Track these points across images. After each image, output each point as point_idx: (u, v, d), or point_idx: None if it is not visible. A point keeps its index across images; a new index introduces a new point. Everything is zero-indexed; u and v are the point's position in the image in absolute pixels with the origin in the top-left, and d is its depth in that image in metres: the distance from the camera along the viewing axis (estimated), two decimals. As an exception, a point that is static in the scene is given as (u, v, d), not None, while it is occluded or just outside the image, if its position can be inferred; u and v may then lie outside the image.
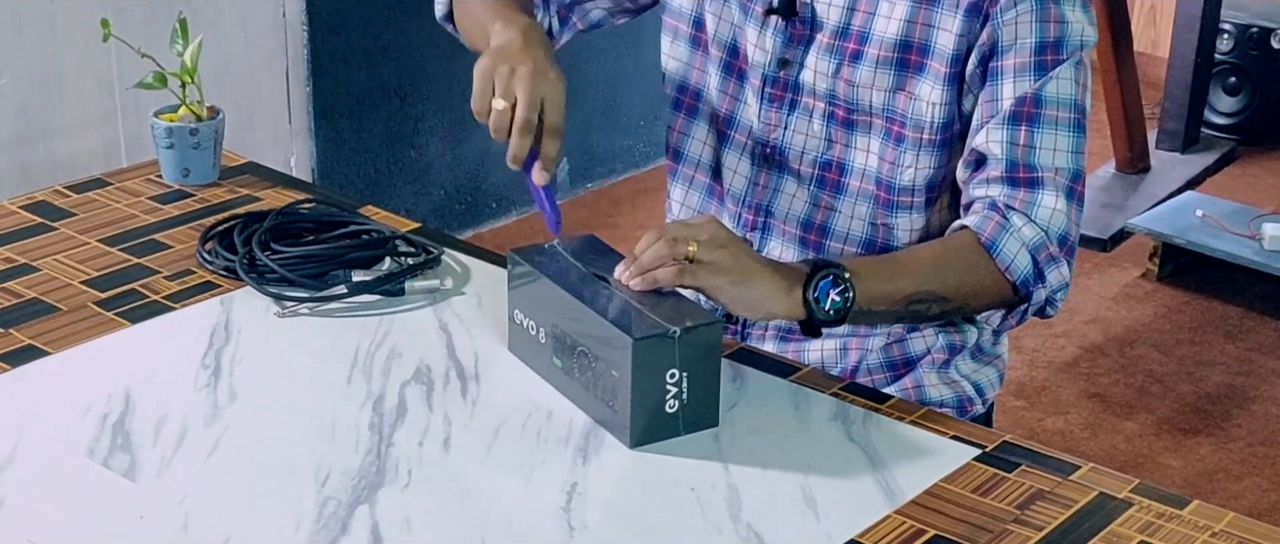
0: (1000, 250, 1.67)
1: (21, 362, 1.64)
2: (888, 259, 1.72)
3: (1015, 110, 1.69)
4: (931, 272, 1.67)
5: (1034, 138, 1.69)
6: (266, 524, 1.38)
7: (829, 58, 1.75)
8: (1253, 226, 3.90)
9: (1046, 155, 1.69)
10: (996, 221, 1.67)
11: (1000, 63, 1.69)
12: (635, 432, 1.51)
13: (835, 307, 1.59)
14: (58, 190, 2.06)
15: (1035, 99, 1.68)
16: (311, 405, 1.58)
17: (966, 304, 1.71)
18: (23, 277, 1.82)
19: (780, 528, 1.40)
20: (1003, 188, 1.69)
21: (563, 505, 1.42)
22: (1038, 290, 1.69)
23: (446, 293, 1.81)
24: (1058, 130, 1.69)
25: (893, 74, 1.72)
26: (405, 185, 3.89)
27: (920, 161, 1.74)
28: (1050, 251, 1.69)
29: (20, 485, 1.43)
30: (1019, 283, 1.68)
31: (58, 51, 2.95)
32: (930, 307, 1.67)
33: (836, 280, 1.58)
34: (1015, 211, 1.68)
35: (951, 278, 1.68)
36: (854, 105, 1.75)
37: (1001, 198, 1.69)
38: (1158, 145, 4.72)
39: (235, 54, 3.29)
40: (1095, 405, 3.42)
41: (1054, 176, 1.69)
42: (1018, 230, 1.67)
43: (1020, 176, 1.69)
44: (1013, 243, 1.67)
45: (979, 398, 1.87)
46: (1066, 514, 1.43)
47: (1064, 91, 1.70)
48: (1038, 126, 1.69)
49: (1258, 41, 4.77)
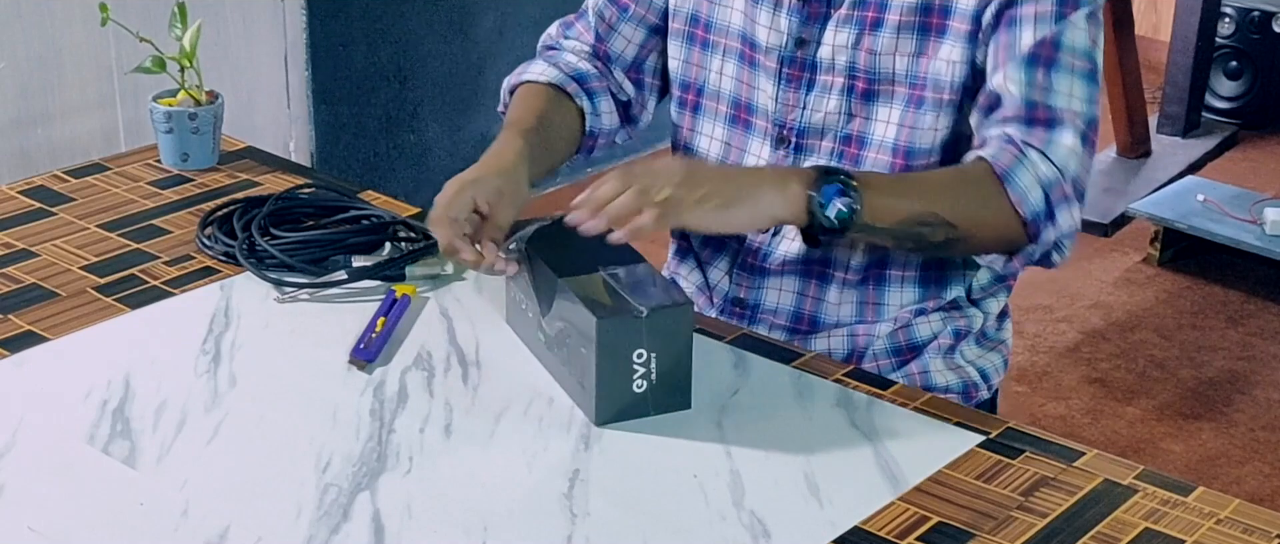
0: (1014, 182, 1.64)
1: (21, 347, 1.64)
2: (898, 177, 1.70)
3: (1033, 52, 1.67)
4: (941, 194, 1.64)
5: (1052, 80, 1.67)
6: (267, 511, 1.38)
7: (848, 29, 1.74)
8: (1254, 211, 3.89)
9: (1063, 98, 1.67)
10: (1013, 154, 1.65)
11: (1018, 11, 1.68)
12: (601, 409, 1.52)
13: (840, 214, 1.56)
14: (56, 175, 2.05)
15: (1053, 43, 1.67)
16: (312, 391, 1.57)
17: (972, 235, 1.66)
18: (22, 262, 1.81)
19: (783, 515, 1.39)
20: (1020, 126, 1.67)
21: (565, 492, 1.42)
22: (1047, 229, 1.66)
23: (447, 278, 1.80)
24: (1074, 76, 1.68)
25: (915, 38, 1.72)
26: (404, 169, 3.88)
27: (940, 122, 1.73)
28: (1064, 191, 1.66)
29: (20, 472, 1.43)
30: (1030, 218, 1.65)
31: (56, 35, 2.93)
32: (935, 230, 1.63)
33: (845, 188, 1.56)
34: (1032, 148, 1.66)
35: (961, 204, 1.65)
36: (874, 74, 1.74)
37: (1019, 135, 1.67)
38: (1159, 130, 4.71)
39: (233, 38, 3.28)
40: (1097, 391, 3.42)
41: (1072, 118, 1.67)
42: (1034, 165, 1.64)
43: (1038, 116, 1.67)
44: (1027, 176, 1.64)
45: (984, 383, 1.87)
46: (1071, 501, 1.42)
47: (1079, 41, 1.69)
48: (1055, 70, 1.67)
49: (1259, 25, 4.75)
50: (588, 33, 1.92)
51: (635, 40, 1.91)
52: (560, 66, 1.89)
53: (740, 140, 1.84)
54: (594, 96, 1.90)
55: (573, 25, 1.94)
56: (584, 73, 1.90)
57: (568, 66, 1.89)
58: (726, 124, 1.85)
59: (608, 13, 1.91)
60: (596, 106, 1.90)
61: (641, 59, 1.92)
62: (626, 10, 1.90)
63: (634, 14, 1.90)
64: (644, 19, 1.90)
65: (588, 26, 1.92)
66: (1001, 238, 1.68)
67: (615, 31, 1.91)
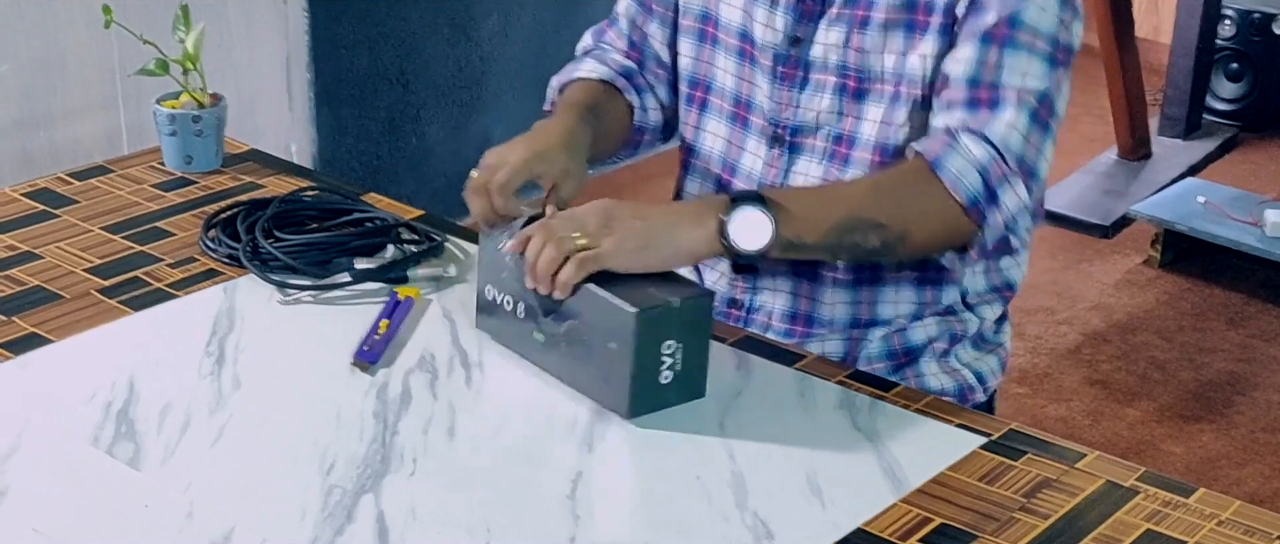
0: (945, 167, 1.62)
1: (25, 349, 1.64)
2: (819, 188, 1.69)
3: (989, 31, 1.65)
4: (866, 197, 1.63)
5: (1003, 58, 1.65)
6: (271, 512, 1.38)
7: (839, 28, 1.75)
8: (1254, 213, 3.90)
9: (1013, 76, 1.65)
10: (943, 140, 1.63)
11: None
12: (635, 403, 1.52)
13: (756, 232, 1.57)
14: (60, 177, 2.05)
15: (1010, 20, 1.65)
16: (315, 393, 1.57)
17: (909, 232, 1.64)
18: (26, 264, 1.82)
19: (786, 516, 1.39)
20: (961, 112, 1.65)
21: (568, 493, 1.42)
22: (991, 212, 1.63)
23: (450, 280, 1.80)
24: (1032, 56, 1.65)
25: (902, 36, 1.72)
26: (406, 172, 3.88)
27: (914, 119, 1.72)
28: (1003, 170, 1.63)
29: (24, 474, 1.43)
30: (968, 203, 1.62)
31: (59, 37, 2.94)
32: (868, 236, 1.62)
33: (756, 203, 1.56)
34: (967, 131, 1.63)
35: (889, 202, 1.62)
36: (864, 73, 1.74)
37: (955, 122, 1.65)
38: (1160, 132, 4.71)
39: (235, 41, 3.28)
40: (1097, 392, 3.42)
41: (1017, 95, 1.64)
42: (965, 148, 1.62)
43: (981, 96, 1.65)
44: (958, 160, 1.62)
45: (980, 386, 1.87)
46: (1073, 502, 1.43)
47: (1044, 22, 1.66)
48: (1009, 48, 1.65)
49: (1259, 27, 4.75)
50: (620, 40, 1.93)
51: (664, 40, 1.92)
52: (608, 63, 1.91)
53: (739, 138, 1.85)
54: (641, 92, 1.91)
55: (605, 32, 1.95)
56: (630, 69, 1.92)
57: (615, 64, 1.91)
58: (728, 121, 1.86)
59: (639, 17, 1.92)
60: (644, 102, 1.92)
61: (672, 60, 1.93)
62: (652, 12, 1.91)
63: (659, 14, 1.91)
64: (666, 17, 1.91)
65: (620, 33, 1.94)
66: (947, 229, 1.66)
67: (648, 36, 1.92)
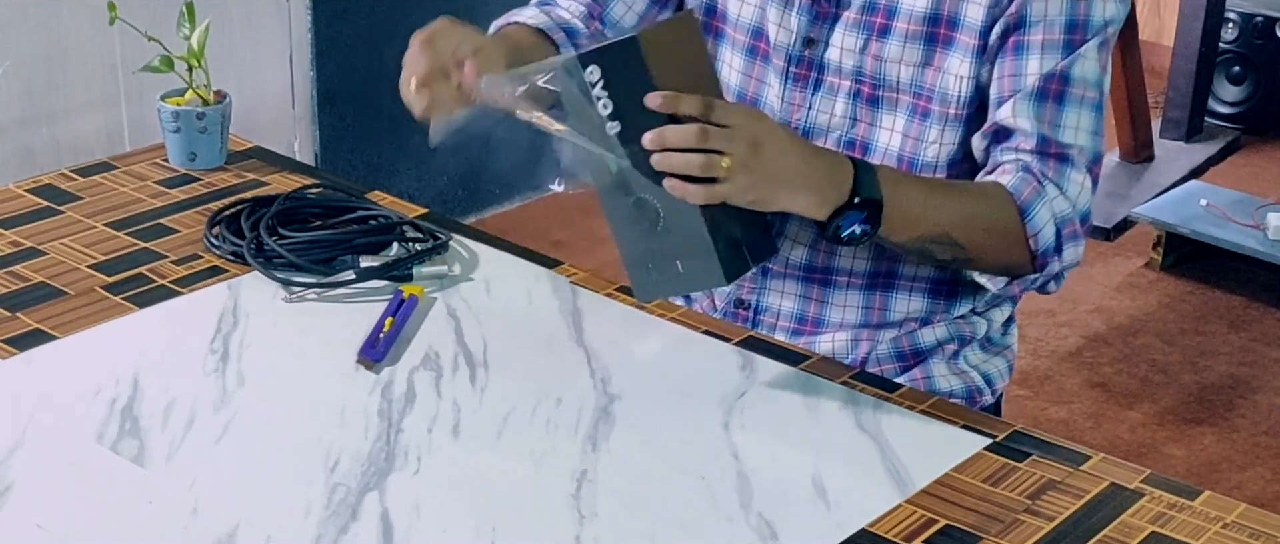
0: (1033, 215, 1.66)
1: (29, 346, 1.64)
2: (929, 190, 1.67)
3: (1043, 87, 1.68)
4: (961, 218, 1.65)
5: (1061, 116, 1.68)
6: (276, 510, 1.38)
7: (856, 33, 1.74)
8: (1257, 216, 3.90)
9: (1071, 133, 1.69)
10: (1033, 187, 1.66)
11: (1027, 37, 1.68)
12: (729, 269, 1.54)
13: (852, 236, 1.59)
14: (64, 174, 2.05)
15: (1063, 77, 1.68)
16: (320, 391, 1.57)
17: (979, 259, 1.68)
18: (30, 261, 1.82)
19: (791, 517, 1.39)
20: (1034, 158, 1.68)
21: (573, 493, 1.42)
22: (1053, 263, 1.68)
23: (454, 279, 1.80)
24: (1082, 109, 1.69)
25: (922, 48, 1.72)
26: (408, 170, 3.88)
27: (945, 137, 1.74)
28: (1075, 228, 1.68)
29: (29, 470, 1.43)
30: (1041, 252, 1.67)
31: (63, 34, 2.94)
32: (944, 250, 1.65)
33: (868, 215, 1.57)
34: (1049, 181, 1.67)
35: (977, 230, 1.66)
36: (880, 81, 1.74)
37: (1034, 164, 1.68)
38: (1162, 134, 4.72)
39: (238, 38, 3.28)
40: (1099, 395, 3.42)
41: (1078, 154, 1.69)
42: (1051, 200, 1.66)
43: (1050, 151, 1.68)
44: (1045, 211, 1.66)
45: (988, 389, 1.87)
46: (1078, 504, 1.43)
47: (1089, 71, 1.69)
48: (1064, 105, 1.69)
49: (1262, 31, 4.76)
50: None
51: (636, 9, 1.90)
52: (551, 15, 1.87)
53: None
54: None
55: None
56: (575, 28, 1.88)
57: (559, 18, 1.88)
58: None
59: None
60: None
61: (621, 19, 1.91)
62: None
63: None
64: None
65: None
66: (1008, 264, 1.70)
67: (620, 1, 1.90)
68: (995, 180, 1.68)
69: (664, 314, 1.74)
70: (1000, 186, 1.66)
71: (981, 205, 1.67)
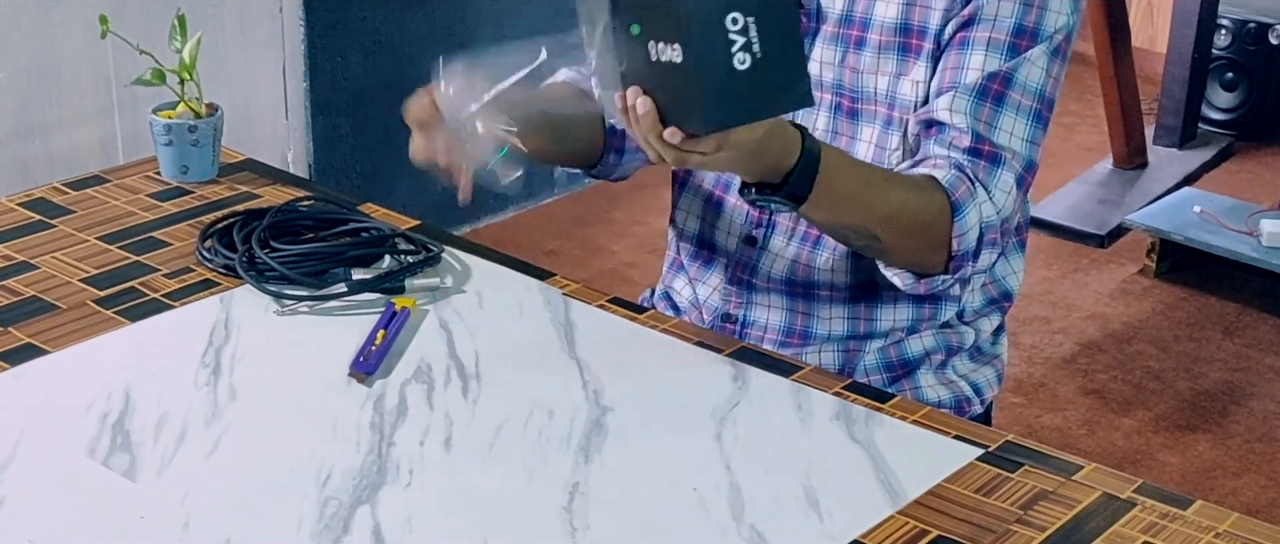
0: (963, 216, 1.63)
1: (21, 360, 1.64)
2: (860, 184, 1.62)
3: (985, 85, 1.67)
4: (885, 216, 1.62)
5: (997, 117, 1.67)
6: (267, 524, 1.38)
7: (834, 47, 1.75)
8: (1250, 223, 3.90)
9: (1005, 136, 1.67)
10: (967, 188, 1.64)
11: (973, 33, 1.68)
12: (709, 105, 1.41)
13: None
14: (56, 187, 2.05)
15: (1006, 79, 1.67)
16: (312, 404, 1.57)
17: (892, 252, 1.67)
18: (21, 275, 1.82)
19: (783, 529, 1.39)
20: (966, 156, 1.66)
21: (565, 505, 1.42)
22: (966, 266, 1.66)
23: (447, 291, 1.80)
24: (1019, 116, 1.68)
25: (895, 59, 1.72)
26: (402, 181, 3.88)
27: (906, 144, 1.74)
28: (995, 235, 1.67)
29: (20, 485, 1.43)
30: (960, 254, 1.65)
31: (56, 47, 2.94)
32: (861, 239, 1.65)
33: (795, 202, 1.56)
34: (979, 182, 1.65)
35: (899, 230, 1.64)
36: (858, 93, 1.75)
37: (967, 164, 1.66)
38: (1155, 141, 4.72)
39: (231, 50, 3.28)
40: (1093, 402, 3.42)
41: (1011, 158, 1.67)
42: (979, 204, 1.64)
43: (983, 150, 1.66)
44: (974, 214, 1.64)
45: (977, 398, 1.87)
46: (1070, 515, 1.43)
47: (1033, 79, 1.68)
48: (1002, 107, 1.67)
49: (1255, 37, 4.76)
50: None
51: None
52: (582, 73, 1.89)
53: None
54: None
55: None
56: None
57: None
58: None
59: None
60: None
61: None
62: None
63: None
64: None
65: None
66: (920, 263, 1.67)
67: None
68: (930, 175, 1.65)
69: (655, 326, 1.74)
70: (935, 183, 1.64)
71: (912, 202, 1.63)
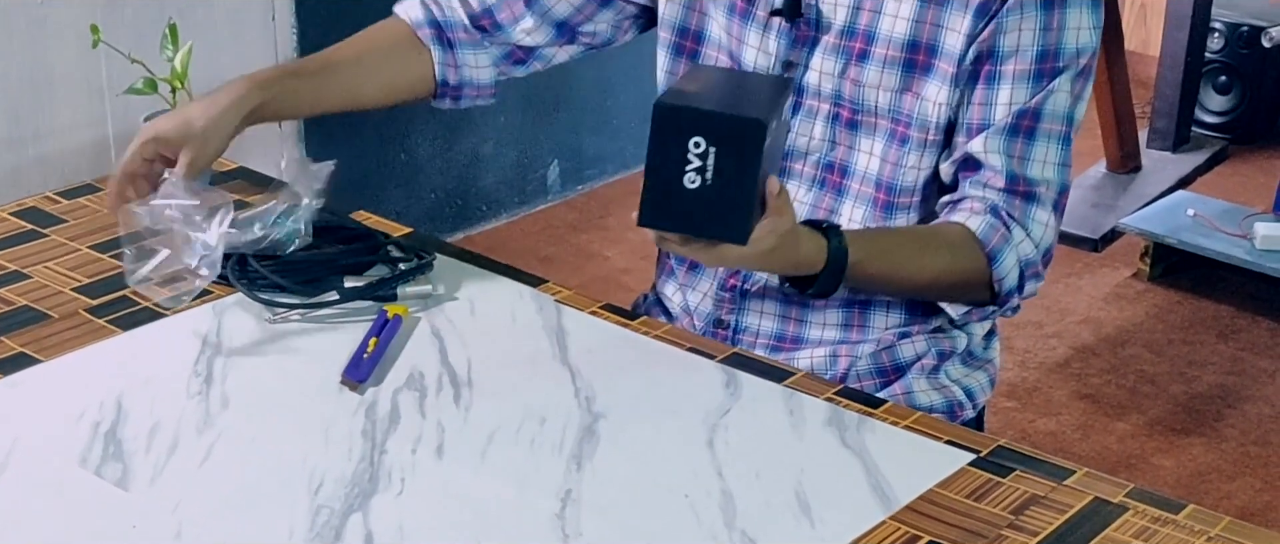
0: (1000, 262, 1.70)
1: (12, 369, 1.64)
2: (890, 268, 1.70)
3: (1015, 123, 1.70)
4: (923, 286, 1.74)
5: (1030, 150, 1.71)
6: (260, 532, 1.38)
7: (835, 58, 1.75)
8: (1244, 226, 3.90)
9: (1038, 167, 1.71)
10: (1001, 234, 1.70)
11: (999, 67, 1.69)
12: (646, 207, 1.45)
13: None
14: (48, 196, 2.05)
15: (1035, 114, 1.70)
16: (304, 412, 1.57)
17: (939, 297, 1.78)
18: (13, 284, 1.82)
19: (775, 535, 1.39)
20: (1001, 195, 1.71)
21: (557, 512, 1.42)
22: (1013, 298, 1.74)
23: (439, 298, 1.80)
24: (1051, 143, 1.72)
25: (900, 74, 1.72)
26: (395, 188, 3.88)
27: (924, 162, 1.75)
28: (1037, 269, 1.74)
29: (11, 494, 1.43)
30: (1004, 293, 1.73)
31: (47, 56, 2.94)
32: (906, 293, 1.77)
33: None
34: (1015, 222, 1.71)
35: (941, 292, 1.76)
36: (859, 105, 1.75)
37: (1002, 205, 1.71)
38: (1148, 144, 4.72)
39: (224, 58, 3.28)
40: (1087, 406, 3.42)
41: (1046, 190, 1.72)
42: (1017, 245, 1.71)
43: (1018, 188, 1.71)
44: (1011, 257, 1.70)
45: (969, 403, 1.87)
46: (1061, 519, 1.43)
47: (1060, 105, 1.71)
48: (1034, 140, 1.71)
49: (1248, 40, 4.76)
50: None
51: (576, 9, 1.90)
52: (431, 6, 1.90)
53: None
54: (456, 47, 1.89)
55: None
56: (451, 21, 1.90)
57: (441, 13, 1.90)
58: None
59: None
60: (458, 58, 1.90)
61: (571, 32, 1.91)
62: None
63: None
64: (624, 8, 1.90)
65: None
66: (968, 300, 1.77)
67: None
68: (963, 226, 1.70)
69: (647, 332, 1.74)
70: (969, 235, 1.69)
71: (949, 266, 1.71)
